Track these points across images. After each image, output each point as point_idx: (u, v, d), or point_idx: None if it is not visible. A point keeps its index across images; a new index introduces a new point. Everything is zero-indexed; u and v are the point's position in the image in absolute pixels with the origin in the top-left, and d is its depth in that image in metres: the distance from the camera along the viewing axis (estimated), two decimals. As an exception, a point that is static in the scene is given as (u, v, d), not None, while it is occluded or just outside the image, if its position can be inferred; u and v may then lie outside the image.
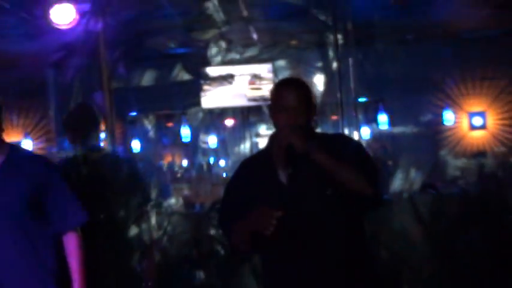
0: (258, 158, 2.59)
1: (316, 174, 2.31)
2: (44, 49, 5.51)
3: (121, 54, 5.40)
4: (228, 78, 5.88)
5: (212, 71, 5.84)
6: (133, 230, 5.54)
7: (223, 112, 6.03)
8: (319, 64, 5.51)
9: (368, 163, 2.38)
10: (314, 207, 2.32)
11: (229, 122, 6.40)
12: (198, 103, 5.77)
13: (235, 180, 2.58)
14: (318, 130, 3.13)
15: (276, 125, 2.36)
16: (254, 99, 5.97)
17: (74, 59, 5.45)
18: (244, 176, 2.54)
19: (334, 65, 5.41)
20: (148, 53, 5.55)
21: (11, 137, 6.47)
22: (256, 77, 5.85)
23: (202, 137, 6.08)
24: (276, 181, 2.37)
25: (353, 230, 2.40)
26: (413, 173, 5.67)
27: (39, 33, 5.27)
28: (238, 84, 5.98)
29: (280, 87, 2.38)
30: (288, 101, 2.30)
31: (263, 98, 5.87)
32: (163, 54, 5.63)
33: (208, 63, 5.52)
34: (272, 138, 2.44)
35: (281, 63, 5.66)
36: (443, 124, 6.01)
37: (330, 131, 6.06)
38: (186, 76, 5.75)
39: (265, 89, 5.91)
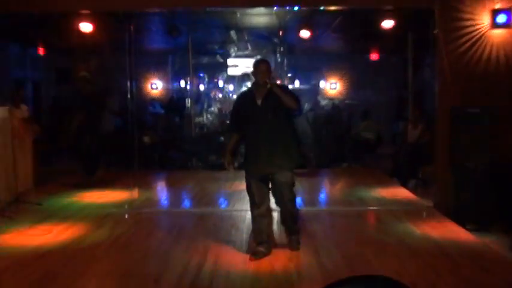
0: (246, 92, 4.22)
1: (275, 101, 3.93)
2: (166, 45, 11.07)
3: (197, 50, 11.02)
4: (235, 65, 11.48)
5: (230, 60, 11.46)
6: (197, 119, 10.75)
7: (235, 76, 11.74)
8: (273, 58, 11.08)
9: (295, 96, 4.01)
10: (272, 117, 3.97)
11: (238, 80, 12.01)
12: (226, 71, 11.53)
13: (236, 103, 4.25)
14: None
15: (255, 78, 4.03)
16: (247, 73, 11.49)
17: (178, 50, 11.07)
18: (239, 101, 4.21)
19: (279, 59, 10.74)
20: (208, 51, 11.30)
21: (152, 80, 12.11)
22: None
23: (226, 85, 11.84)
24: (255, 104, 4.03)
25: (288, 127, 4.02)
26: (306, 104, 11.22)
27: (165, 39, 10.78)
28: (241, 67, 11.53)
29: (257, 62, 4.05)
30: (261, 67, 3.99)
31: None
32: (213, 51, 11.36)
33: (230, 56, 11.21)
34: (253, 84, 4.14)
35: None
36: (319, 85, 11.97)
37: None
38: (221, 60, 11.52)
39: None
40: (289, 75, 10.99)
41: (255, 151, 4.04)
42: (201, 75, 12.10)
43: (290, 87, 11.07)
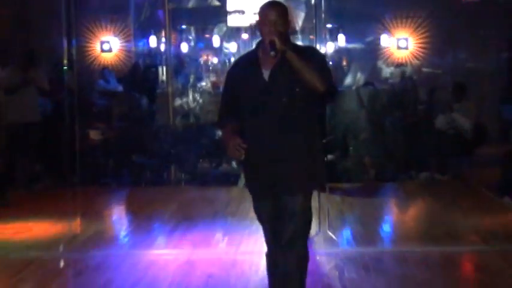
0: (246, 58, 4.19)
1: (289, 76, 3.90)
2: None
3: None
4: (239, 11, 11.43)
5: (232, 2, 11.38)
6: (178, 102, 10.88)
7: (239, 28, 11.69)
8: (303, 0, 11.01)
9: (325, 69, 4.00)
10: (285, 100, 3.96)
11: (244, 36, 11.97)
12: (225, 21, 11.46)
13: (228, 77, 4.25)
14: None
15: (261, 33, 3.98)
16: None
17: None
18: (234, 73, 4.19)
19: (313, 1, 10.70)
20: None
21: (104, 37, 12.19)
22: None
23: (225, 44, 11.82)
24: (260, 78, 3.99)
25: (311, 121, 4.08)
26: (359, 74, 11.31)
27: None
28: (250, 13, 11.47)
29: (264, 6, 3.99)
30: (269, 16, 3.92)
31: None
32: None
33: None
34: (258, 44, 4.07)
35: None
36: (380, 44, 11.85)
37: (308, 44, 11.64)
38: (217, 3, 11.44)
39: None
40: (329, 26, 10.94)
41: (255, 157, 4.10)
42: (184, 27, 12.12)
43: (330, 48, 11.11)
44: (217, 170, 9.31)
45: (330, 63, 10.66)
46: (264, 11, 4.00)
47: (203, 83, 11.48)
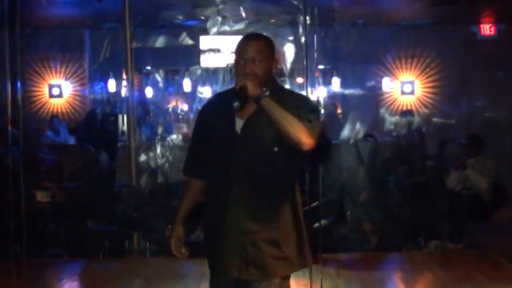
0: (224, 97, 4.02)
1: (266, 131, 3.76)
2: (85, 14, 11.32)
3: (141, 21, 11.29)
4: (215, 50, 11.72)
5: (207, 40, 11.68)
6: (143, 157, 10.93)
7: (216, 70, 11.94)
8: (291, 38, 11.33)
9: (313, 123, 3.76)
10: (258, 160, 3.81)
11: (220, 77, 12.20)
12: (198, 62, 11.73)
13: (198, 121, 4.15)
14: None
15: (235, 74, 3.82)
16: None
17: (109, 23, 11.34)
18: (207, 113, 4.08)
19: (303, 39, 10.84)
20: (162, 22, 11.54)
21: (53, 80, 12.38)
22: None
23: (199, 88, 12.04)
24: (231, 129, 3.84)
25: (287, 185, 3.91)
26: (358, 125, 11.47)
27: (82, 2, 11.03)
28: (225, 51, 11.74)
29: (240, 41, 3.86)
30: (245, 53, 3.78)
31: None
32: (174, 24, 11.61)
33: (207, 33, 11.45)
34: (232, 90, 3.82)
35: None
36: (382, 89, 12.20)
37: (297, 90, 11.89)
38: (189, 42, 11.74)
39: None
40: (320, 67, 11.16)
41: (218, 226, 3.96)
42: (149, 69, 12.34)
43: (322, 93, 11.38)
44: (189, 239, 9.32)
45: (322, 111, 10.87)
46: (239, 46, 3.89)
47: (173, 135, 11.41)
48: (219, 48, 11.72)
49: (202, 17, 11.62)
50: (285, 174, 3.91)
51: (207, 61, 11.82)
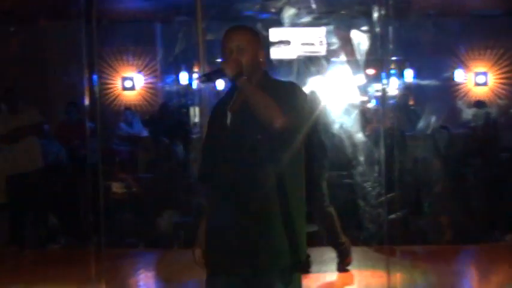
0: (225, 94, 4.11)
1: (252, 119, 3.76)
2: (157, 7, 11.50)
3: (214, 14, 11.39)
4: (285, 42, 11.77)
5: (277, 32, 11.73)
6: None
7: (286, 61, 12.00)
8: (365, 29, 11.36)
9: (294, 106, 3.77)
10: (246, 151, 3.81)
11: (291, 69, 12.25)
12: (268, 54, 11.79)
13: (209, 121, 4.16)
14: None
15: (221, 63, 3.96)
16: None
17: (181, 16, 11.46)
18: (211, 117, 4.11)
19: (377, 30, 11.02)
20: (234, 15, 11.64)
21: (126, 73, 12.59)
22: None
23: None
24: (224, 123, 3.92)
25: (272, 177, 3.79)
26: (431, 116, 11.44)
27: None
28: (297, 43, 11.78)
29: (226, 31, 4.03)
30: (229, 41, 3.95)
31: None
32: (246, 16, 11.70)
33: (278, 25, 11.51)
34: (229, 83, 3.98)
35: (334, 27, 11.49)
36: (455, 80, 12.14)
37: (371, 81, 11.92)
38: (262, 34, 11.82)
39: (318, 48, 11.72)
40: (393, 58, 11.12)
41: (217, 223, 3.98)
42: (220, 61, 12.44)
43: (394, 84, 11.40)
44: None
45: (391, 102, 10.86)
46: (224, 36, 4.04)
47: None
48: (288, 40, 11.74)
49: (274, 9, 11.65)
50: (272, 162, 3.83)
51: (276, 53, 11.87)
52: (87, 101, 8.18)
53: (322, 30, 11.43)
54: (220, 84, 12.43)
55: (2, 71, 12.57)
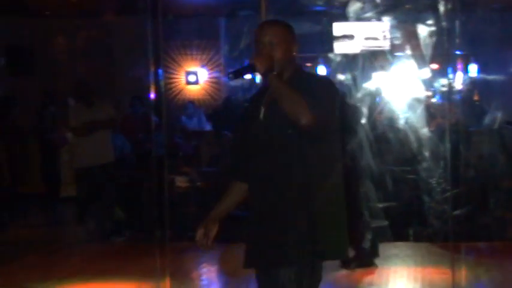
0: (258, 91, 4.20)
1: (283, 115, 3.77)
2: (220, 2, 11.61)
3: (278, 8, 11.42)
4: (349, 36, 11.78)
5: (341, 26, 11.75)
6: None
7: (351, 56, 12.01)
8: (430, 23, 11.29)
9: (322, 103, 3.77)
10: (277, 144, 3.88)
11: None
12: (332, 49, 11.81)
13: (240, 117, 4.33)
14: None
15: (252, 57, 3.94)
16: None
17: (245, 11, 11.52)
18: (244, 112, 4.26)
19: (443, 24, 10.96)
20: (299, 9, 11.67)
21: (190, 67, 12.72)
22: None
23: (335, 74, 12.08)
24: (257, 117, 3.96)
25: (299, 173, 3.84)
26: (497, 111, 11.32)
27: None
28: (360, 37, 11.79)
29: (259, 25, 4.06)
30: (262, 36, 3.94)
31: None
32: (310, 10, 11.73)
33: (342, 19, 11.51)
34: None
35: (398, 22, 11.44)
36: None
37: (436, 76, 11.84)
38: (324, 28, 11.83)
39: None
40: (458, 53, 11.06)
41: (254, 217, 4.09)
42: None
43: (459, 78, 11.31)
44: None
45: (456, 97, 10.77)
46: (257, 30, 4.03)
47: None
48: (352, 35, 11.72)
49: (338, 3, 11.66)
50: (300, 157, 3.88)
51: (340, 47, 11.86)
52: (152, 95, 8.20)
53: (386, 25, 11.41)
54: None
55: (69, 64, 12.86)
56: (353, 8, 11.27)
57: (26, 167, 12.93)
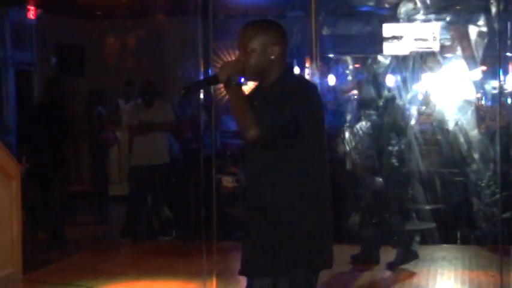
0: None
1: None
2: (270, 2, 11.67)
3: (331, 8, 11.47)
4: (398, 38, 11.76)
5: (390, 27, 11.73)
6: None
7: (401, 57, 11.99)
8: (482, 24, 11.26)
9: (282, 110, 3.75)
10: (250, 153, 3.97)
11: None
12: (381, 50, 11.82)
13: None
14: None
15: None
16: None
17: (295, 11, 11.59)
18: None
19: (495, 25, 10.89)
20: (349, 10, 11.73)
21: None
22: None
23: (384, 76, 12.06)
24: None
25: (275, 178, 3.84)
26: None
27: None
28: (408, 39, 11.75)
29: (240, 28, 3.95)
30: (239, 40, 3.88)
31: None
32: (360, 11, 11.77)
33: (393, 20, 11.51)
34: None
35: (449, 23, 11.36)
36: None
37: (487, 78, 11.77)
38: (374, 29, 11.84)
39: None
40: (510, 54, 11.03)
41: (244, 217, 4.13)
42: (333, 56, 12.55)
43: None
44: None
45: (506, 99, 10.71)
46: (240, 33, 3.94)
47: (361, 123, 11.46)
48: (401, 36, 11.68)
49: (388, 4, 11.66)
50: (269, 167, 3.88)
51: (389, 49, 11.82)
52: (201, 95, 8.24)
53: (435, 26, 11.36)
54: (331, 79, 12.57)
55: (119, 64, 13.04)
56: (403, 9, 11.29)
57: (77, 166, 13.20)
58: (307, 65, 11.80)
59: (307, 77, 11.88)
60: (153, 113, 9.86)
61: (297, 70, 12.39)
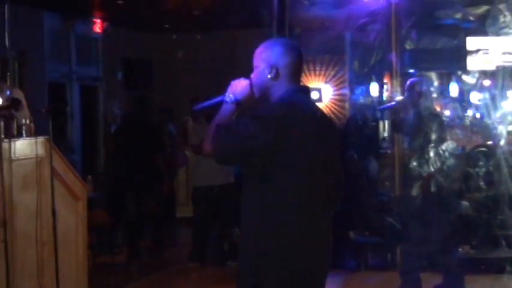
0: None
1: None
2: (348, 15, 11.50)
3: (414, 22, 11.26)
4: (483, 52, 11.46)
5: (474, 41, 11.45)
6: (412, 165, 10.71)
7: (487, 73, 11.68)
8: None
9: (239, 126, 3.92)
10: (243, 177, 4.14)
11: (486, 82, 11.96)
12: (465, 65, 11.52)
13: None
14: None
15: None
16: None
17: (375, 25, 11.39)
18: None
19: None
20: (430, 23, 11.46)
21: (313, 83, 12.67)
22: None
23: (469, 92, 11.80)
24: None
25: (251, 193, 3.98)
26: None
27: (345, 3, 11.22)
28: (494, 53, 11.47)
29: None
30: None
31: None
32: (446, 24, 11.49)
33: (478, 34, 11.22)
34: None
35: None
36: None
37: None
38: (458, 43, 11.55)
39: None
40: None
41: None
42: (413, 71, 12.24)
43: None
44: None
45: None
46: None
47: (446, 142, 11.21)
48: (487, 50, 11.46)
49: (473, 17, 11.41)
50: (248, 180, 4.00)
51: (473, 64, 11.57)
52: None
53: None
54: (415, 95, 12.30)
55: (188, 79, 12.94)
56: (489, 21, 11.05)
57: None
58: (386, 81, 11.67)
59: (385, 93, 11.77)
60: None
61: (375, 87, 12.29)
